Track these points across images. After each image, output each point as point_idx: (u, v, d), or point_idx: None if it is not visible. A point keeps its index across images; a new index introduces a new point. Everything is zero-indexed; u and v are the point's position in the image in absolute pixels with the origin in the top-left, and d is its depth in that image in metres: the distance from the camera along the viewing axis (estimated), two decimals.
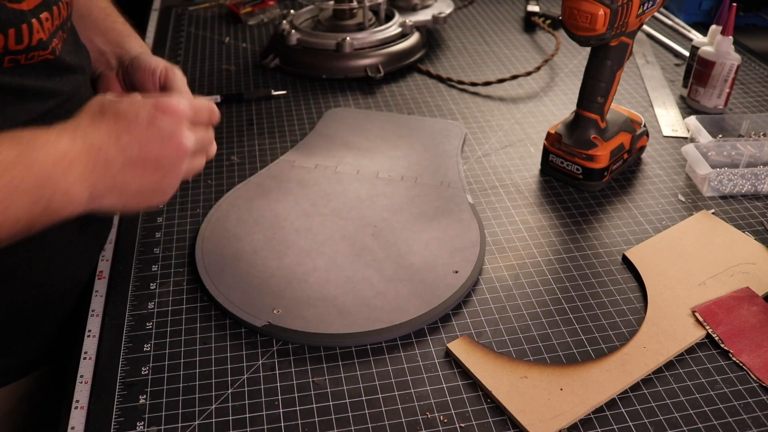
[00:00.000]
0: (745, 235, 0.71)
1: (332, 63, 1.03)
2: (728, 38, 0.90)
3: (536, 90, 1.02)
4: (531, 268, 0.69)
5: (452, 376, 0.58)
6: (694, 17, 1.22)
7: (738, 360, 0.58)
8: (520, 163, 0.85)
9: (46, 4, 0.61)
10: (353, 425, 0.54)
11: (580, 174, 0.79)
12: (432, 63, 1.11)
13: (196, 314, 0.64)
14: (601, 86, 0.76)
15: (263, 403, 0.55)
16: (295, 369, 0.58)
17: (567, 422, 0.53)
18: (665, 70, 1.07)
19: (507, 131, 0.92)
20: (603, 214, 0.76)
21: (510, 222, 0.75)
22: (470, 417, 0.54)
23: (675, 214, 0.76)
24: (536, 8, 1.23)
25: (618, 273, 0.68)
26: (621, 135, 0.80)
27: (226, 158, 0.86)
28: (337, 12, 1.08)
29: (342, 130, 0.90)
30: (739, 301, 0.63)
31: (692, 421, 0.54)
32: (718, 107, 0.94)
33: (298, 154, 0.84)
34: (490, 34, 1.21)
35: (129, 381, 0.57)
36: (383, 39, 1.06)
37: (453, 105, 0.98)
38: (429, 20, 1.12)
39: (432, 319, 0.62)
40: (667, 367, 0.58)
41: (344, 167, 0.82)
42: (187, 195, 0.79)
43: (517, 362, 0.58)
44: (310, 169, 0.81)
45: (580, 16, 0.69)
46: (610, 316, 0.63)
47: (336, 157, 0.84)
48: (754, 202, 0.77)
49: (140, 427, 0.54)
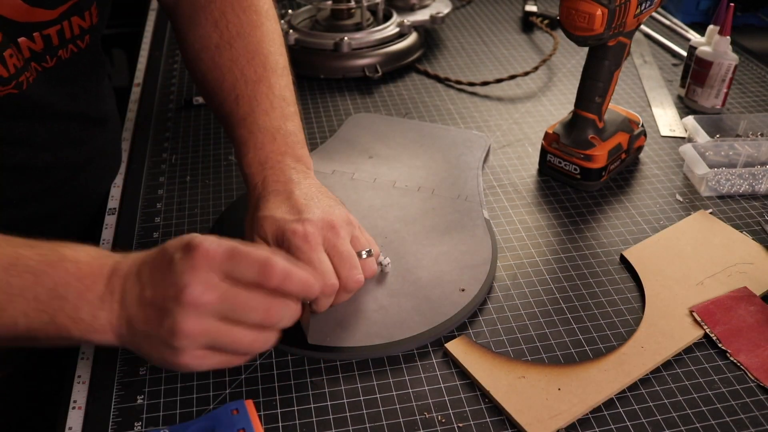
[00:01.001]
0: (742, 235, 0.71)
1: (330, 63, 1.03)
2: (726, 38, 0.90)
3: (534, 90, 1.02)
4: (529, 268, 0.69)
5: (450, 376, 0.58)
6: (692, 17, 1.22)
7: (736, 360, 0.58)
8: (518, 163, 0.85)
9: (9, 39, 0.57)
10: (351, 425, 0.54)
11: (578, 174, 0.79)
12: (430, 63, 1.11)
13: None
14: (599, 86, 0.76)
15: (261, 403, 0.55)
16: (293, 369, 0.58)
17: (565, 422, 0.53)
18: (663, 70, 1.07)
19: (505, 131, 0.92)
20: (601, 214, 0.76)
21: (508, 222, 0.75)
22: (468, 417, 0.54)
23: (673, 213, 0.76)
24: (534, 8, 1.23)
25: (616, 273, 0.68)
26: (619, 135, 0.80)
27: (224, 158, 0.86)
28: (335, 12, 1.08)
29: (363, 136, 0.88)
30: (736, 300, 0.63)
31: (690, 421, 0.54)
32: (715, 107, 0.94)
33: (317, 159, 0.82)
34: (488, 33, 1.21)
35: (126, 381, 0.57)
36: (381, 39, 1.06)
37: (451, 105, 0.98)
38: (427, 20, 1.12)
39: (433, 337, 0.60)
40: (665, 367, 0.58)
41: (361, 174, 0.80)
42: (185, 195, 0.79)
43: (515, 362, 0.58)
44: (327, 175, 0.80)
45: (578, 16, 0.69)
46: (608, 316, 0.63)
47: (355, 163, 0.82)
48: (751, 201, 0.78)
49: (138, 427, 0.53)
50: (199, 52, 0.69)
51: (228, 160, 0.86)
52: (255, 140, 0.63)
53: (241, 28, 0.69)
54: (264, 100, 0.65)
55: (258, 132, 0.64)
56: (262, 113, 0.65)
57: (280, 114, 0.65)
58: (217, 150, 0.88)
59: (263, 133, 0.64)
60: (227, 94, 0.66)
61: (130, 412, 0.55)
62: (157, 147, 0.89)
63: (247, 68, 0.66)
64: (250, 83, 0.66)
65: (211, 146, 0.89)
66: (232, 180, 0.82)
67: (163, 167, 0.85)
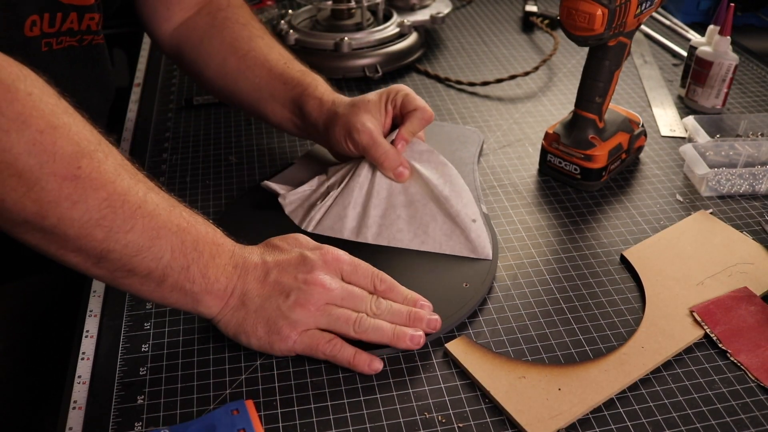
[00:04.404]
0: (743, 235, 0.71)
1: (330, 63, 1.03)
2: (726, 38, 0.90)
3: (534, 90, 1.02)
4: (529, 268, 0.69)
5: (450, 377, 0.57)
6: (692, 17, 1.22)
7: (736, 360, 0.58)
8: (518, 163, 0.85)
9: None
10: (351, 425, 0.54)
11: (578, 174, 0.79)
12: (430, 63, 1.11)
13: (195, 314, 0.63)
14: (599, 86, 0.76)
15: (261, 403, 0.55)
16: (293, 369, 0.58)
17: (565, 422, 0.53)
18: (663, 70, 1.07)
19: (505, 131, 0.92)
20: (601, 214, 0.76)
21: (508, 222, 0.75)
22: (468, 417, 0.54)
23: (673, 214, 0.76)
24: (534, 8, 1.23)
25: (616, 273, 0.68)
26: (619, 135, 0.80)
27: (224, 158, 0.86)
28: (335, 12, 1.08)
29: None
30: (737, 300, 0.63)
31: (690, 421, 0.54)
32: (716, 107, 0.94)
33: (318, 157, 0.82)
34: (488, 33, 1.21)
35: (127, 381, 0.57)
36: (381, 39, 1.06)
37: (451, 105, 0.98)
38: (427, 20, 1.12)
39: (436, 335, 0.61)
40: (665, 367, 0.58)
41: (360, 170, 0.80)
42: (185, 196, 0.79)
43: (516, 362, 0.58)
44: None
45: (578, 16, 0.69)
46: (608, 316, 0.63)
47: (351, 161, 0.82)
48: (751, 201, 0.78)
49: (138, 427, 0.53)
50: (223, 78, 0.80)
51: (228, 160, 0.86)
52: (316, 81, 0.77)
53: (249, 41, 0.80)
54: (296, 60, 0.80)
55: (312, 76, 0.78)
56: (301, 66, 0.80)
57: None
58: (217, 150, 0.88)
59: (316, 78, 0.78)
60: (276, 73, 0.77)
61: (130, 412, 0.55)
62: (157, 147, 0.89)
63: (271, 54, 0.79)
64: (285, 56, 0.80)
65: (211, 146, 0.89)
66: (232, 180, 0.82)
67: (163, 167, 0.85)
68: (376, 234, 0.70)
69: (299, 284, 0.56)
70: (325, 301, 0.57)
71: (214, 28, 0.79)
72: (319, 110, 0.74)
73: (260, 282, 0.57)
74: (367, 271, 0.60)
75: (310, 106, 0.74)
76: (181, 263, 0.54)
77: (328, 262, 0.58)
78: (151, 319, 0.63)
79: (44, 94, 0.48)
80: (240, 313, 0.57)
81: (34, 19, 0.65)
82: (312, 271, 0.57)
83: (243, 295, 0.56)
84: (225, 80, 0.79)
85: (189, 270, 0.54)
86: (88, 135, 0.50)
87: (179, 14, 0.81)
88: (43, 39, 0.66)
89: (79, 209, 0.48)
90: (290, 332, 0.56)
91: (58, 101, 0.49)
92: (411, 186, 0.72)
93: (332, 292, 0.57)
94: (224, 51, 0.78)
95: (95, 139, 0.51)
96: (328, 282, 0.57)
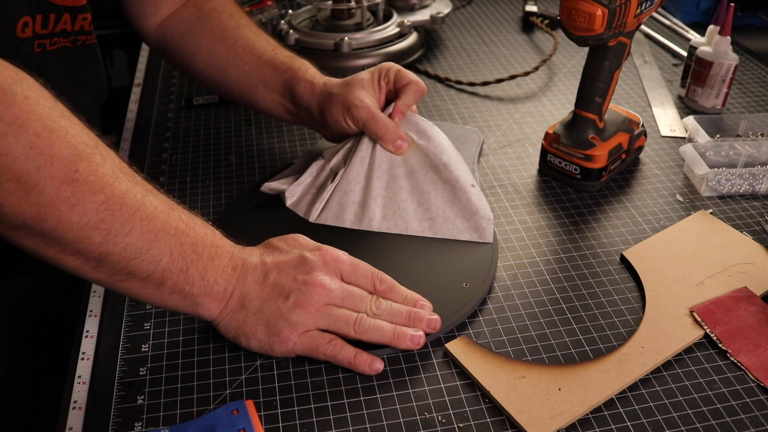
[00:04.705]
0: (743, 235, 0.71)
1: (330, 63, 1.03)
2: (726, 38, 0.90)
3: (534, 90, 1.02)
4: (529, 268, 0.69)
5: (450, 377, 0.57)
6: (692, 17, 1.22)
7: (736, 360, 0.58)
8: (518, 163, 0.85)
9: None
10: (351, 425, 0.54)
11: (578, 174, 0.79)
12: (430, 63, 1.11)
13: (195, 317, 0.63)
14: (599, 86, 0.76)
15: (261, 403, 0.55)
16: (293, 369, 0.58)
17: (565, 422, 0.53)
18: (663, 70, 1.07)
19: (505, 131, 0.92)
20: (601, 214, 0.76)
21: (508, 222, 0.75)
22: (468, 417, 0.54)
23: (673, 214, 0.76)
24: (534, 8, 1.23)
25: (616, 273, 0.68)
26: (619, 135, 0.80)
27: (224, 158, 0.86)
28: (335, 12, 1.08)
29: None
30: (737, 300, 0.63)
31: (690, 421, 0.54)
32: (716, 107, 0.94)
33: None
34: (488, 34, 1.21)
35: (127, 381, 0.57)
36: (381, 39, 1.06)
37: (451, 105, 0.98)
38: (427, 20, 1.12)
39: (436, 335, 0.60)
40: (665, 367, 0.58)
41: (359, 146, 0.80)
42: (185, 196, 0.79)
43: (516, 362, 0.58)
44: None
45: (578, 16, 0.69)
46: (608, 316, 0.63)
47: (347, 140, 0.82)
48: (751, 201, 0.78)
49: (138, 427, 0.53)
50: (213, 67, 0.80)
51: (228, 160, 0.86)
52: (305, 65, 0.78)
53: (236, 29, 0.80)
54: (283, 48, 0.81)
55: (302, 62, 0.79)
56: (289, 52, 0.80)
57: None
58: (217, 150, 0.88)
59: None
60: (265, 59, 0.78)
61: (130, 412, 0.55)
62: (157, 147, 0.89)
63: (258, 41, 0.79)
64: (272, 43, 0.80)
65: (211, 146, 0.89)
66: (232, 180, 0.82)
67: (163, 167, 0.85)
68: (381, 216, 0.71)
69: (299, 285, 0.56)
70: (324, 302, 0.57)
71: (201, 19, 0.80)
72: (311, 92, 0.74)
73: (259, 284, 0.57)
74: (367, 271, 0.60)
75: (301, 88, 0.75)
76: (180, 265, 0.53)
77: (328, 263, 0.58)
78: (151, 319, 0.63)
79: (41, 98, 0.48)
80: (239, 315, 0.56)
81: (26, 21, 0.64)
82: (311, 272, 0.57)
83: (242, 297, 0.56)
84: (214, 69, 0.79)
85: (188, 272, 0.54)
86: (85, 138, 0.50)
87: (165, 9, 0.82)
88: (35, 40, 0.66)
89: (77, 212, 0.48)
90: (290, 334, 0.56)
91: (55, 104, 0.49)
92: (410, 157, 0.73)
93: (332, 292, 0.57)
94: (212, 40, 0.79)
95: (92, 142, 0.51)
96: (327, 283, 0.57)
